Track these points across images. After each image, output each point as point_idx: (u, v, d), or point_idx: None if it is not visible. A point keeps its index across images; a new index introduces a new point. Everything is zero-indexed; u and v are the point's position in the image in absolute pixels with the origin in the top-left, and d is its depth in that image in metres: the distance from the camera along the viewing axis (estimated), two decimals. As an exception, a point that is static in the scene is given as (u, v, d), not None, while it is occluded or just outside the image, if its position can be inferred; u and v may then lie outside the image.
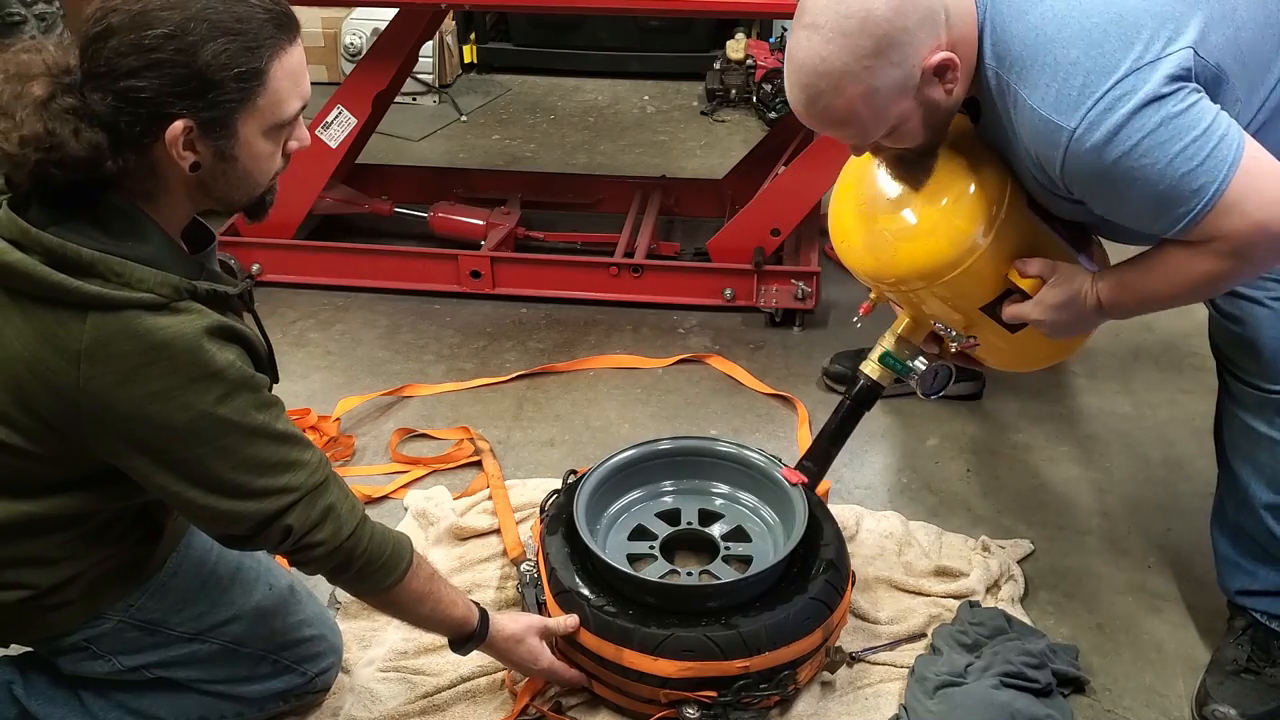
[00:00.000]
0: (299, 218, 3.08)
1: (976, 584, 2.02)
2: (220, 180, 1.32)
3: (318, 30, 4.56)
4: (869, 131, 1.53)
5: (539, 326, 2.95)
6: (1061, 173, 1.47)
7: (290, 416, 2.43)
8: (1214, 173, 1.38)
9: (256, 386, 1.35)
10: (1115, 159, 1.39)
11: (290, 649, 1.69)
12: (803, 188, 2.85)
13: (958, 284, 1.66)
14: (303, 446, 1.40)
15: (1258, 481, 1.72)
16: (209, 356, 1.28)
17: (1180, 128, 1.37)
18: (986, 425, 2.54)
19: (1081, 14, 1.40)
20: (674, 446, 2.05)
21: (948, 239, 1.62)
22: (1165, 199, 1.41)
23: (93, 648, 1.53)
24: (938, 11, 1.45)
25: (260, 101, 1.27)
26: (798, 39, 1.47)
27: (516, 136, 4.28)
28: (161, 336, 1.25)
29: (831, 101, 1.47)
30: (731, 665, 1.68)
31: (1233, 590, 1.83)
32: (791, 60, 1.49)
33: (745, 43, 4.56)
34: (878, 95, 1.46)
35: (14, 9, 4.35)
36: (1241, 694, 1.78)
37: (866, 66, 1.43)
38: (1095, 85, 1.38)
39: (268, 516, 1.37)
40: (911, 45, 1.43)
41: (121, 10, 1.21)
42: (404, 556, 1.51)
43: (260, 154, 1.32)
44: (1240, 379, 1.69)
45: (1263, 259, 1.47)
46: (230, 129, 1.27)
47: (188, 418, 1.28)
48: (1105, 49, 1.38)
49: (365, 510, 1.49)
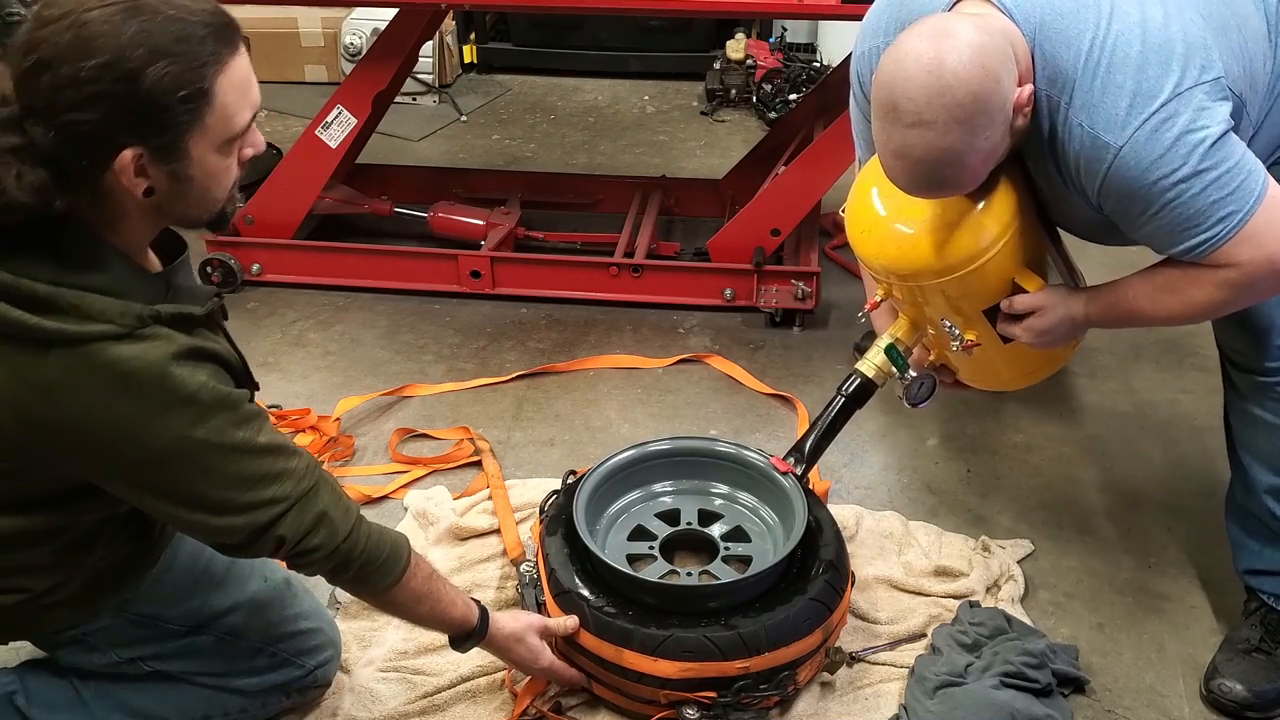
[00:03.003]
0: (299, 218, 3.08)
1: (976, 584, 2.02)
2: (177, 201, 1.28)
3: (318, 30, 4.56)
4: (981, 178, 1.59)
5: (539, 326, 2.95)
6: (1101, 186, 1.54)
7: (290, 416, 2.50)
8: (1241, 203, 1.47)
9: (233, 404, 1.31)
10: (1154, 181, 1.48)
11: (287, 640, 1.69)
12: (803, 188, 2.84)
13: (971, 281, 1.71)
14: (288, 455, 1.37)
15: (1259, 465, 1.78)
16: (178, 382, 1.24)
17: (1217, 158, 1.46)
18: (986, 425, 2.54)
19: (1125, 43, 1.49)
20: (673, 447, 2.05)
21: (968, 233, 1.68)
22: (1192, 222, 1.49)
23: (90, 640, 1.53)
24: (1010, 52, 1.50)
25: (209, 120, 1.22)
26: (905, 138, 1.49)
27: (516, 136, 4.28)
28: (127, 367, 1.22)
29: (957, 176, 1.54)
30: (731, 666, 1.68)
31: (1242, 569, 1.89)
32: (904, 158, 1.51)
33: (745, 43, 4.56)
34: (994, 151, 1.53)
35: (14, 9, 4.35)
36: (1250, 671, 1.82)
37: (986, 136, 1.49)
38: (1141, 107, 1.47)
39: (258, 528, 1.35)
40: (1005, 96, 1.49)
41: (51, 41, 1.14)
42: (401, 557, 1.51)
43: (215, 170, 1.27)
44: (1237, 364, 1.75)
45: (1263, 291, 1.58)
46: (181, 151, 1.22)
47: (164, 443, 1.26)
48: (1148, 74, 1.47)
49: (361, 511, 1.48)
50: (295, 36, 4.58)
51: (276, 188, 3.06)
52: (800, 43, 4.85)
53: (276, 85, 4.60)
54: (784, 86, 4.42)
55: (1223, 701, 1.81)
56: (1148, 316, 1.67)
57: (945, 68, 1.43)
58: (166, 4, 1.18)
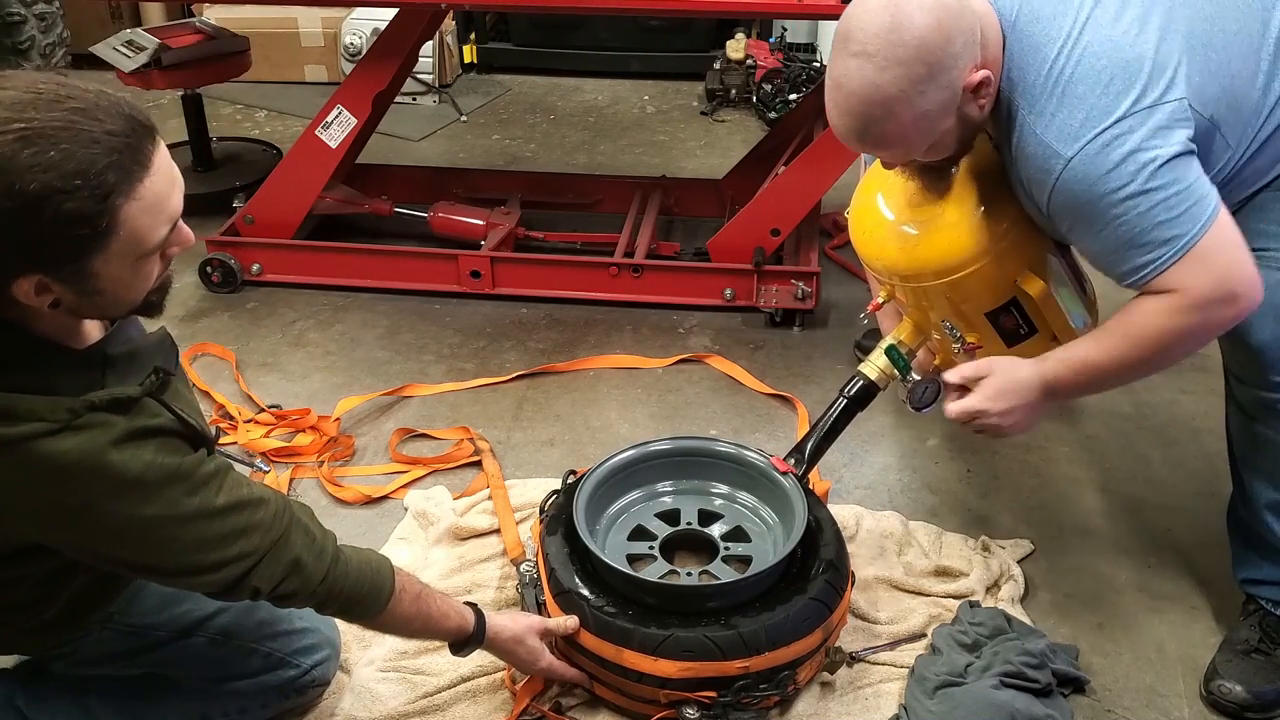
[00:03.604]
0: (299, 218, 3.08)
1: (976, 584, 2.02)
2: (90, 307, 1.23)
3: (318, 30, 4.57)
4: (914, 150, 1.59)
5: (539, 326, 2.95)
6: (1049, 198, 1.55)
7: (290, 416, 2.50)
8: (1188, 226, 1.48)
9: (185, 474, 1.27)
10: (1100, 195, 1.49)
11: (280, 639, 1.68)
12: (803, 188, 2.84)
13: (972, 282, 1.72)
14: (253, 508, 1.34)
15: (1260, 482, 1.77)
16: (120, 468, 1.21)
17: (1167, 179, 1.47)
18: (986, 425, 2.54)
19: (1092, 55, 1.49)
20: (673, 447, 2.05)
21: (970, 234, 1.70)
22: (1137, 241, 1.50)
23: (80, 653, 1.53)
24: (976, 31, 1.51)
25: (115, 246, 1.14)
26: (846, 67, 1.50)
27: (516, 136, 4.28)
28: (65, 461, 1.18)
29: (885, 126, 1.52)
30: (731, 666, 1.68)
31: (1239, 578, 1.89)
32: (840, 88, 1.52)
33: (745, 43, 4.56)
34: (928, 117, 1.51)
35: (14, 9, 4.36)
36: (1250, 672, 1.82)
37: (920, 91, 1.48)
38: (1096, 121, 1.48)
39: (230, 583, 1.34)
40: (957, 67, 1.49)
41: None
42: (384, 587, 1.50)
43: (128, 280, 1.21)
44: (1242, 380, 1.74)
45: (1214, 321, 1.54)
46: (86, 273, 1.15)
47: (117, 525, 1.24)
48: (1110, 90, 1.48)
49: (337, 547, 1.46)
50: (295, 36, 4.59)
51: (276, 188, 3.07)
52: (800, 43, 4.86)
53: (276, 85, 4.61)
54: (784, 86, 4.42)
55: (1222, 702, 1.81)
56: (1105, 368, 1.62)
57: (901, 9, 1.46)
58: (69, 125, 1.09)
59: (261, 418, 2.53)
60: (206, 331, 2.90)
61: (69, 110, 1.10)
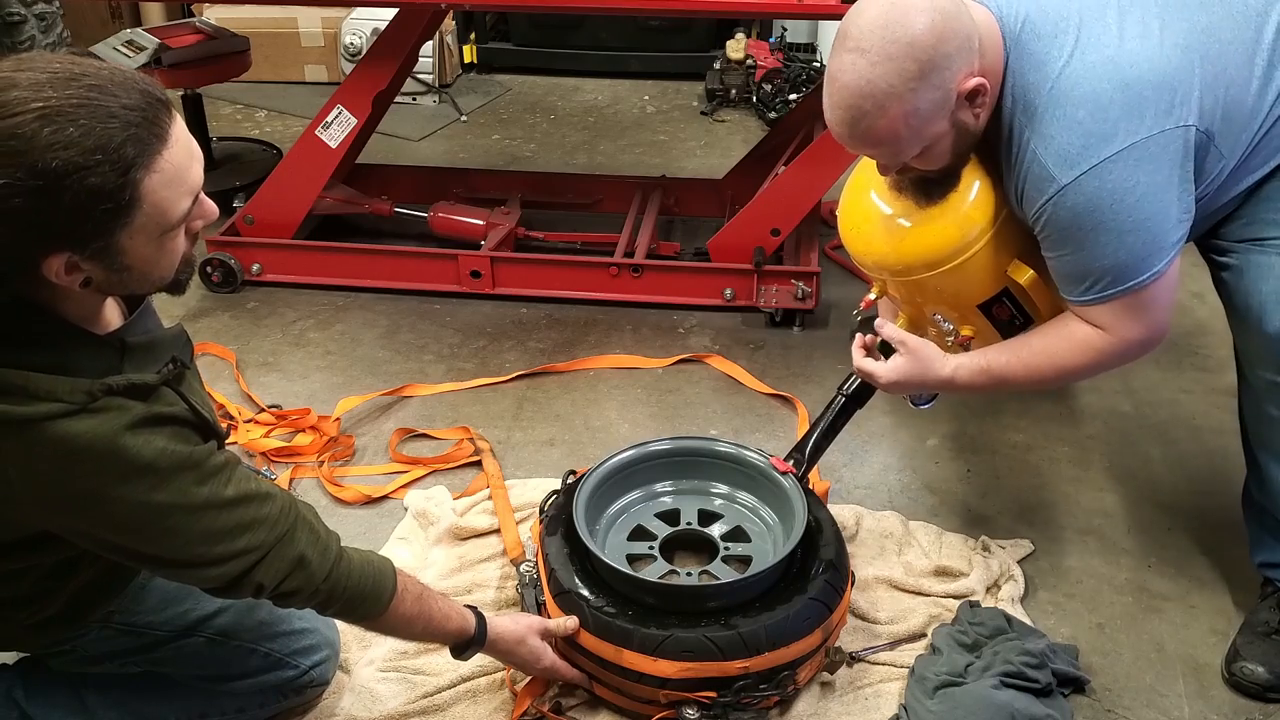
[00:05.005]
0: (299, 218, 3.08)
1: (976, 584, 2.02)
2: (120, 285, 1.24)
3: (318, 30, 4.57)
4: (904, 151, 1.61)
5: (539, 326, 2.95)
6: (1036, 214, 1.61)
7: (290, 416, 2.50)
8: (1141, 274, 1.58)
9: (195, 463, 1.28)
10: (1080, 225, 1.57)
11: (279, 639, 1.68)
12: (803, 188, 2.84)
13: (961, 273, 1.74)
14: (260, 502, 1.35)
15: (1274, 462, 1.80)
16: (133, 453, 1.21)
17: (1143, 216, 1.55)
18: (986, 425, 2.54)
19: (1095, 78, 1.53)
20: (673, 447, 2.05)
21: (959, 226, 1.71)
22: (1094, 273, 1.61)
23: (80, 650, 1.54)
24: (973, 39, 1.54)
25: (139, 220, 1.16)
26: (842, 62, 1.54)
27: (516, 136, 4.28)
28: (78, 443, 1.18)
29: (874, 122, 1.55)
30: (731, 666, 1.68)
31: (1256, 562, 1.92)
32: (834, 82, 1.56)
33: (745, 43, 4.56)
34: (917, 116, 1.54)
35: (14, 9, 4.36)
36: (1271, 653, 1.84)
37: (911, 89, 1.51)
38: (1095, 150, 1.52)
39: (234, 577, 1.34)
40: (950, 69, 1.52)
41: None
42: (386, 588, 1.50)
43: (155, 256, 1.22)
44: (1252, 365, 1.77)
45: (1129, 359, 1.69)
46: (113, 249, 1.17)
47: (126, 511, 1.24)
48: (1110, 115, 1.52)
49: (341, 546, 1.47)
50: (295, 36, 4.59)
51: (276, 188, 3.06)
52: (800, 43, 4.86)
53: (276, 85, 4.61)
54: (784, 86, 4.42)
55: (1245, 684, 1.83)
56: (1017, 380, 1.75)
57: (897, 9, 1.50)
58: (86, 102, 1.10)
59: (261, 418, 2.53)
60: (207, 331, 2.90)
61: (85, 87, 1.11)
